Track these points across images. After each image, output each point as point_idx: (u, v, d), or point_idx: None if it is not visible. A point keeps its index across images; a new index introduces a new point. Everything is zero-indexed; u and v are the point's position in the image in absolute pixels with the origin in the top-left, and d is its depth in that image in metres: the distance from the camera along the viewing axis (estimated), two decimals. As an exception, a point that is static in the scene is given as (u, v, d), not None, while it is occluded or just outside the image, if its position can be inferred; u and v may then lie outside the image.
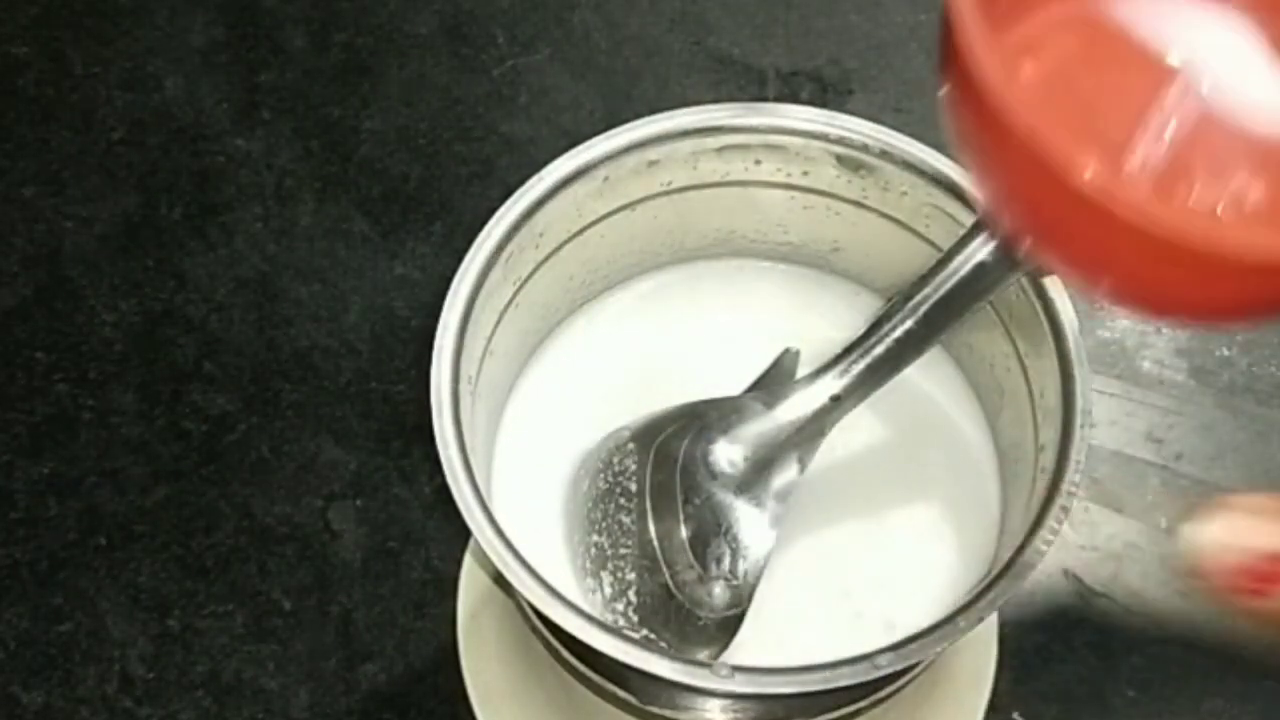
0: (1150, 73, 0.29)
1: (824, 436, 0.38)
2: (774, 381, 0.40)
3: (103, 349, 0.56)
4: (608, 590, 0.38)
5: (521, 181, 0.38)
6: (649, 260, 0.43)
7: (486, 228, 0.37)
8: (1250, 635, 0.50)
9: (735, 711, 0.36)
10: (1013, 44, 0.29)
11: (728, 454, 0.38)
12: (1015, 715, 0.49)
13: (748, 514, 0.38)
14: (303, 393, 0.55)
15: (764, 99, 0.61)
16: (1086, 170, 0.25)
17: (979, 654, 0.48)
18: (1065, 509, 0.34)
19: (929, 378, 0.42)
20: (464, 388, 0.36)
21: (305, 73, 0.62)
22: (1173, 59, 0.29)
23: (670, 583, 0.37)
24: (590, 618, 0.33)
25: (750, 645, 0.37)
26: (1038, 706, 0.50)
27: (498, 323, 0.39)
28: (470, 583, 0.49)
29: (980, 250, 0.35)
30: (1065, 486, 0.34)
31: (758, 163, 0.40)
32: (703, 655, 0.37)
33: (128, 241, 0.58)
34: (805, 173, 0.40)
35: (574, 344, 0.43)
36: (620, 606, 0.38)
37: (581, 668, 0.38)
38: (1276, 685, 0.50)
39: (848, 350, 0.37)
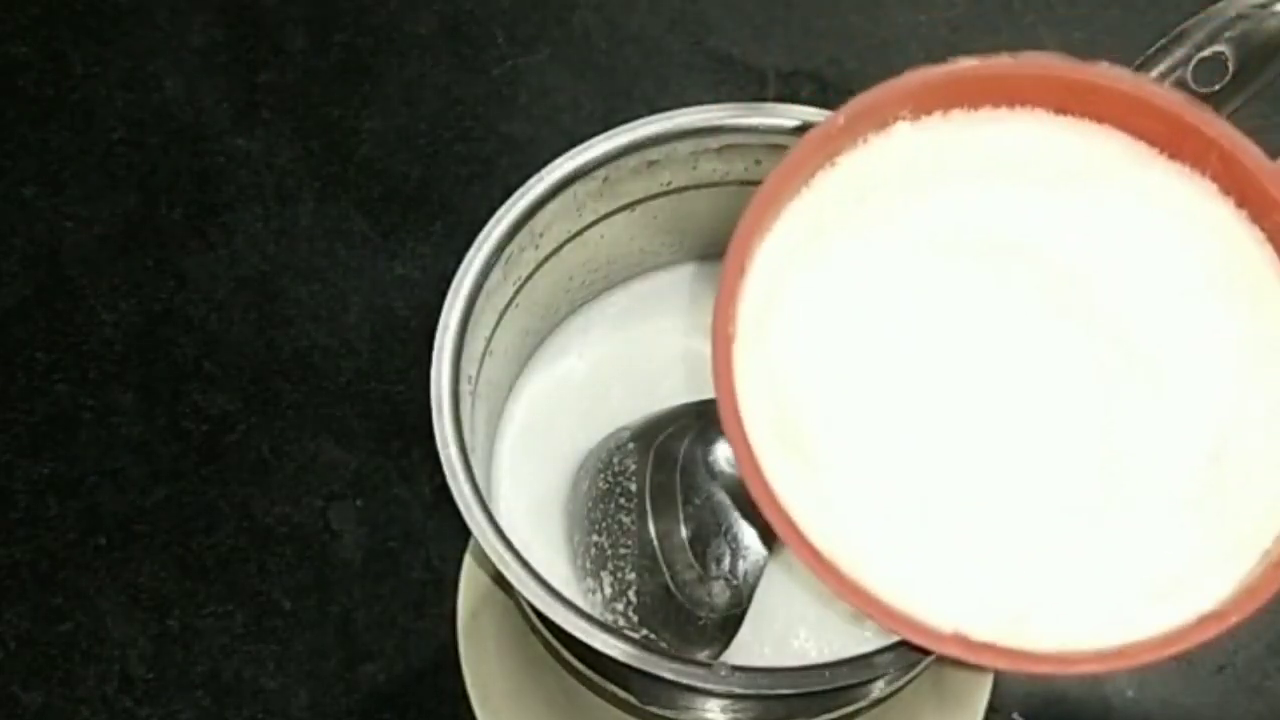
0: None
1: (824, 436, 0.38)
2: (774, 381, 0.40)
3: (103, 349, 0.56)
4: (608, 590, 0.38)
5: (521, 181, 0.38)
6: (649, 260, 0.43)
7: (486, 228, 0.37)
8: (1252, 637, 0.50)
9: (735, 711, 0.36)
10: None
11: (728, 454, 0.38)
12: (1015, 715, 0.49)
13: (748, 514, 0.38)
14: (303, 393, 0.55)
15: (764, 99, 0.61)
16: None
17: (979, 654, 0.48)
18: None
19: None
20: (464, 388, 0.36)
21: (305, 73, 0.62)
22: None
23: (670, 583, 0.37)
24: (590, 618, 0.33)
25: (750, 645, 0.37)
26: (1038, 706, 0.50)
27: (498, 323, 0.39)
28: (470, 583, 0.49)
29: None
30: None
31: (758, 163, 0.40)
32: (703, 655, 0.37)
33: (128, 241, 0.58)
34: (805, 173, 0.40)
35: (574, 344, 0.43)
36: (620, 606, 0.38)
37: (581, 668, 0.38)
38: (1275, 686, 0.50)
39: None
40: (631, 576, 0.38)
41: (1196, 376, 0.27)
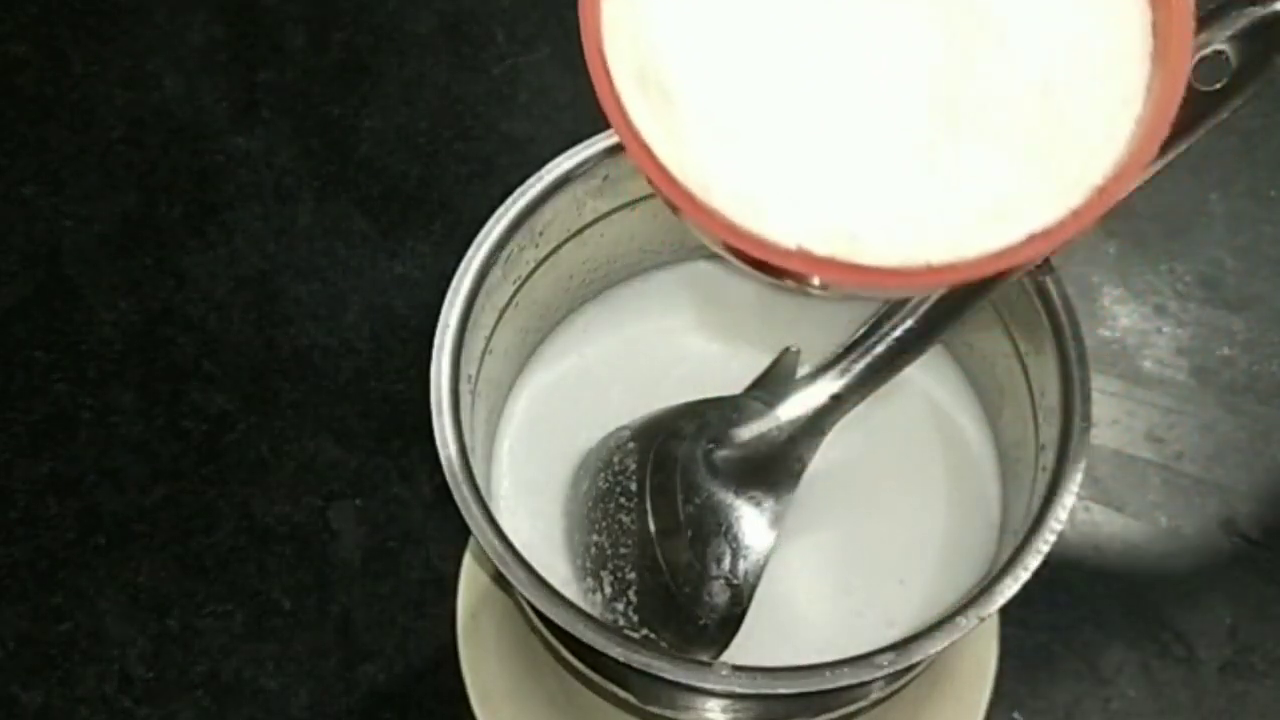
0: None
1: (824, 436, 0.38)
2: (774, 381, 0.40)
3: (102, 348, 0.56)
4: (608, 590, 0.38)
5: (521, 180, 0.37)
6: (649, 260, 0.43)
7: (486, 226, 0.37)
8: (1252, 637, 0.50)
9: (735, 711, 0.36)
10: None
11: (728, 454, 0.38)
12: (1015, 715, 0.49)
13: (748, 514, 0.37)
14: (302, 392, 0.55)
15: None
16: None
17: (979, 653, 0.48)
18: (1065, 508, 0.34)
19: (929, 377, 0.42)
20: (464, 387, 0.36)
21: (305, 72, 0.62)
22: None
23: (670, 583, 0.37)
24: (590, 618, 0.33)
25: (750, 645, 0.37)
26: (1038, 706, 0.49)
27: (497, 322, 0.39)
28: (470, 583, 0.49)
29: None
30: (1066, 486, 0.34)
31: (758, 161, 0.40)
32: (703, 655, 0.37)
33: (127, 241, 0.58)
34: (805, 171, 0.40)
35: (574, 344, 0.43)
36: (620, 606, 0.38)
37: (581, 668, 0.38)
38: (1276, 684, 0.50)
39: (848, 350, 0.37)
40: (631, 576, 0.38)
41: (1037, 29, 0.28)
